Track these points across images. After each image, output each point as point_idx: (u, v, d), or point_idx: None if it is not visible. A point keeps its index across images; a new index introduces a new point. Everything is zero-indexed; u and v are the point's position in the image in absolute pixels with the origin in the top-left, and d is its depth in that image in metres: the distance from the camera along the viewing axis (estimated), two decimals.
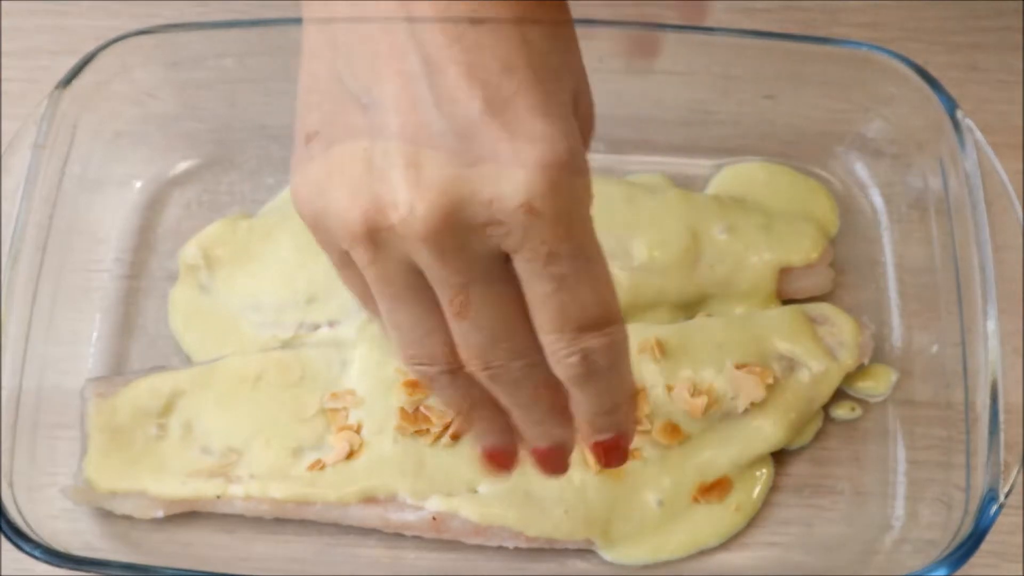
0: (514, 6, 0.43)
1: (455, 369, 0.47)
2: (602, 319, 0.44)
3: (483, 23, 0.42)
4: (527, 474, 0.64)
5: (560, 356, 0.45)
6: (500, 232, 0.42)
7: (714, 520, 0.65)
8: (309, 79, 0.46)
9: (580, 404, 0.48)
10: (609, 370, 0.46)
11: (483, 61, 0.42)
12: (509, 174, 0.41)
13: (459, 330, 0.46)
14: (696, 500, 0.65)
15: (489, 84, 0.42)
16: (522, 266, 0.44)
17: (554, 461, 0.52)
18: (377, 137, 0.43)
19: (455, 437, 0.65)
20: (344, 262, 0.46)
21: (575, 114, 0.45)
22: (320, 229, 0.45)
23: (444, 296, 0.45)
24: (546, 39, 0.44)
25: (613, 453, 0.50)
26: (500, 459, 0.52)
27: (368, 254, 0.44)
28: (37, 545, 0.60)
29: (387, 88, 0.43)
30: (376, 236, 0.43)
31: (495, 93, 0.42)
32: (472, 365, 0.47)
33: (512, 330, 0.45)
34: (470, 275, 0.44)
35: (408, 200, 0.42)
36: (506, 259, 0.44)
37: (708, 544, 0.65)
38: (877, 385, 0.69)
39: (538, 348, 0.46)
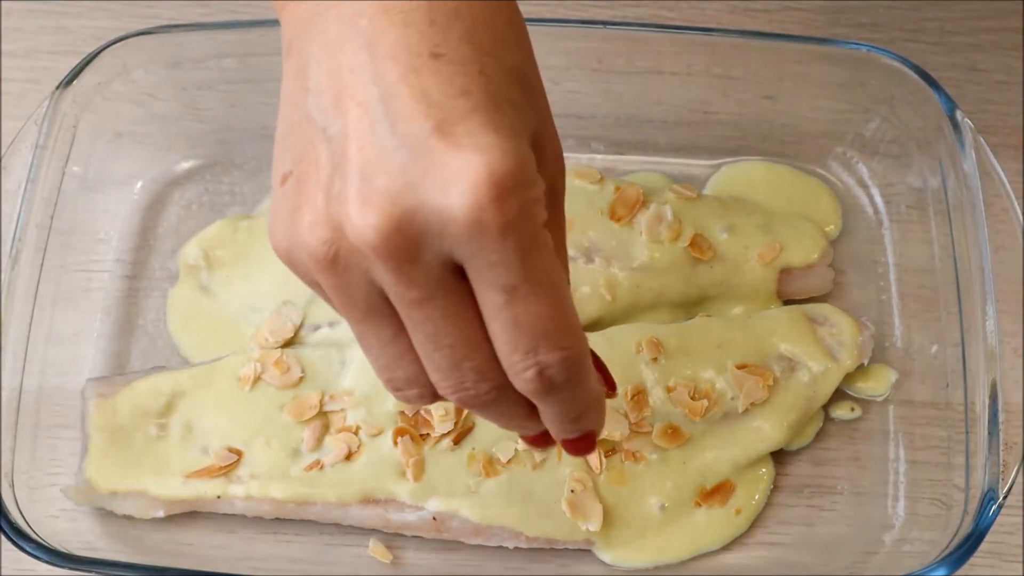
0: (475, 46, 0.44)
1: (432, 393, 0.47)
2: (557, 333, 0.43)
3: (442, 56, 0.43)
4: (527, 474, 0.65)
5: (516, 371, 0.44)
6: (450, 242, 0.42)
7: (715, 524, 0.65)
8: (284, 125, 0.46)
9: (544, 414, 0.47)
10: (567, 384, 0.44)
11: (439, 86, 0.42)
12: (456, 182, 0.41)
13: (424, 352, 0.45)
14: (698, 505, 0.65)
15: (443, 105, 0.42)
16: (474, 276, 0.43)
17: (541, 443, 0.53)
18: (337, 165, 0.43)
19: (456, 441, 0.65)
20: (323, 294, 0.46)
21: (541, 160, 0.45)
22: (293, 264, 0.45)
23: (404, 313, 0.44)
24: (506, 75, 0.44)
25: (581, 446, 0.50)
26: (532, 442, 0.53)
27: (332, 279, 0.43)
28: (37, 545, 0.60)
29: (348, 118, 0.43)
30: (336, 259, 0.43)
31: (449, 113, 0.42)
32: (442, 389, 0.46)
33: (475, 348, 0.44)
34: (427, 289, 0.43)
35: (360, 212, 0.42)
36: (464, 274, 0.43)
37: (709, 548, 0.65)
38: (877, 385, 0.69)
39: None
